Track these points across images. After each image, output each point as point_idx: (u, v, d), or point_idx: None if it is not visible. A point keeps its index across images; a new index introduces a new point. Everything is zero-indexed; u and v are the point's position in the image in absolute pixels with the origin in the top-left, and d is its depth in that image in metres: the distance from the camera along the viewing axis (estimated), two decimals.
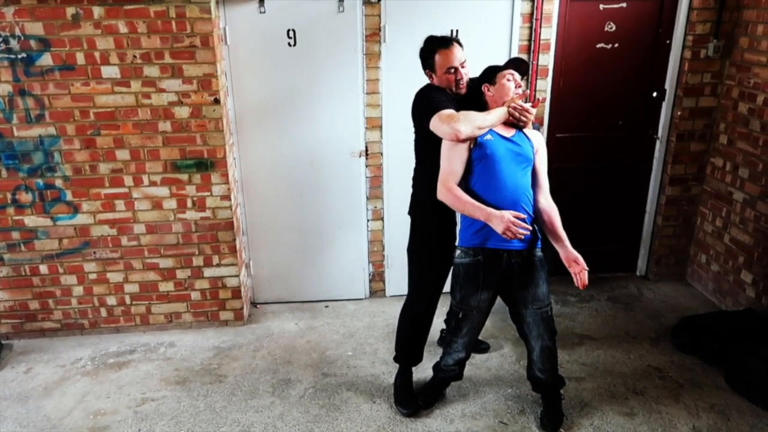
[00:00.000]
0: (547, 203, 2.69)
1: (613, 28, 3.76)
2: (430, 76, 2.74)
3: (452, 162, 2.55)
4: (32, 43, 3.14)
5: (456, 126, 2.45)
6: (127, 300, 3.69)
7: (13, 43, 3.13)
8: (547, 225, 2.69)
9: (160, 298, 3.71)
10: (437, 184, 2.58)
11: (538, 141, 2.68)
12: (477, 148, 2.54)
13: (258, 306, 4.06)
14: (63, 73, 3.20)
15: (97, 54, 3.19)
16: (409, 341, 3.03)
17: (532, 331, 2.72)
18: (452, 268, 2.76)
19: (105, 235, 3.53)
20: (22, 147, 3.31)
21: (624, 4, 3.71)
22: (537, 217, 2.67)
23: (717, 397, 3.06)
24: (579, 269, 2.62)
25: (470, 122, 2.47)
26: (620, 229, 4.29)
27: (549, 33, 3.64)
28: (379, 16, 3.49)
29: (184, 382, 3.25)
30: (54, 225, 3.48)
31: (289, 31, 3.47)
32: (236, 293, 3.75)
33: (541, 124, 3.83)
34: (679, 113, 3.91)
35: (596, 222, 4.21)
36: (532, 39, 3.61)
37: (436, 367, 3.02)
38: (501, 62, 3.65)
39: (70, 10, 3.10)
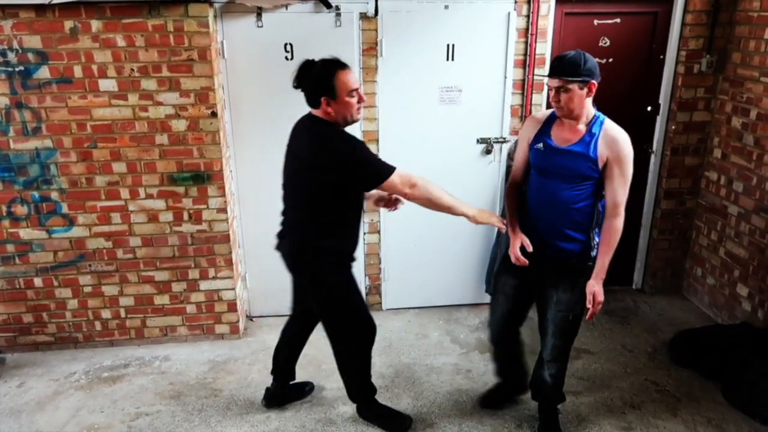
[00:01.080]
0: (607, 225, 2.48)
1: (608, 43, 3.80)
2: (326, 104, 2.41)
3: (516, 161, 2.67)
4: (30, 56, 3.15)
5: (411, 190, 2.47)
6: (122, 313, 3.67)
7: (11, 56, 3.14)
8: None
9: (155, 311, 3.69)
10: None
11: (610, 151, 2.39)
12: (531, 152, 2.57)
13: (254, 319, 4.04)
14: (60, 86, 3.21)
15: (94, 67, 3.20)
16: (365, 376, 2.91)
17: (548, 328, 2.69)
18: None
19: (100, 248, 3.52)
20: (18, 159, 3.31)
21: (618, 20, 3.75)
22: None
23: (714, 411, 3.06)
24: (593, 304, 2.53)
25: (425, 189, 2.49)
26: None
27: (544, 48, 3.67)
28: (376, 30, 3.52)
29: (178, 396, 3.23)
30: (49, 238, 3.46)
31: (286, 45, 3.49)
32: (232, 306, 3.74)
33: None
34: (673, 127, 3.94)
35: None
36: (528, 53, 3.64)
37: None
38: (497, 77, 3.70)
39: (68, 24, 3.11)
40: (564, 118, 2.46)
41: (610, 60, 3.83)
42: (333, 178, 2.43)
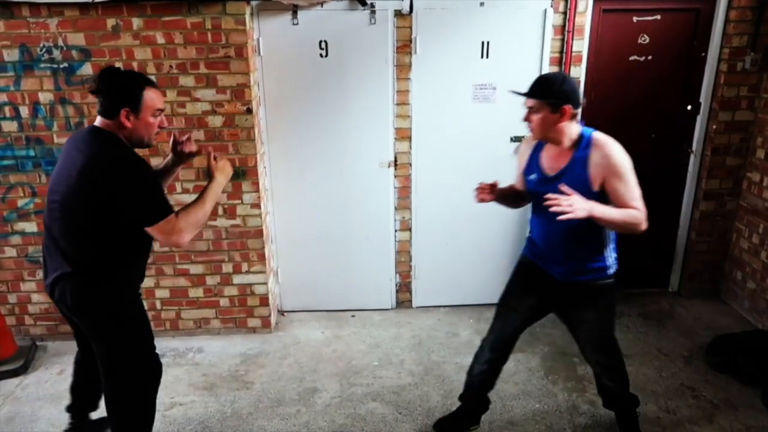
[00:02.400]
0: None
1: (647, 41, 3.72)
2: (125, 116, 2.14)
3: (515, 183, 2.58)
4: (74, 53, 3.24)
5: (177, 240, 2.17)
6: (158, 305, 3.75)
7: (56, 53, 3.23)
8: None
9: (189, 304, 3.76)
10: None
11: (604, 168, 2.22)
12: (526, 181, 2.47)
13: (285, 314, 4.09)
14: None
15: (135, 64, 3.27)
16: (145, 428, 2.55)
17: (584, 347, 2.65)
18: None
19: None
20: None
21: (658, 17, 3.67)
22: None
23: (754, 418, 2.97)
24: (564, 199, 2.13)
25: (191, 226, 2.21)
26: (652, 244, 4.20)
27: (581, 45, 3.62)
28: (411, 27, 3.51)
29: (211, 388, 3.28)
30: None
31: (321, 42, 3.52)
32: (264, 301, 3.79)
33: None
34: (714, 127, 3.84)
35: (627, 236, 4.12)
36: (564, 51, 3.59)
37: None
38: (533, 75, 3.66)
39: (110, 22, 3.19)
40: (539, 140, 2.38)
41: (649, 58, 3.75)
42: (102, 202, 2.10)
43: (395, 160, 3.78)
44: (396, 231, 3.95)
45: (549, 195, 2.12)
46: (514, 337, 2.71)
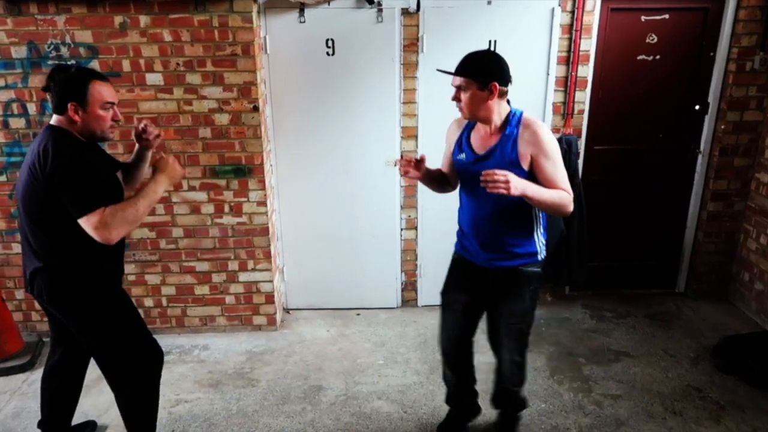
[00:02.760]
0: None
1: (655, 40, 3.70)
2: (74, 110, 2.15)
3: (442, 164, 2.56)
4: (81, 50, 3.25)
5: (104, 235, 2.09)
6: (164, 302, 3.76)
7: (64, 51, 3.24)
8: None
9: (195, 301, 3.77)
10: None
11: (533, 147, 2.20)
12: (455, 162, 2.43)
13: (290, 312, 4.09)
14: (109, 80, 3.29)
15: (142, 61, 3.28)
16: (153, 416, 2.59)
17: (500, 341, 2.56)
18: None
19: (144, 238, 3.61)
20: None
21: (666, 16, 3.65)
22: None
23: (760, 420, 2.95)
24: (498, 176, 2.06)
25: (120, 222, 2.11)
26: (659, 245, 4.20)
27: (588, 44, 3.60)
28: (417, 26, 3.51)
29: (217, 385, 3.29)
30: None
31: (327, 40, 3.51)
32: (270, 298, 3.79)
33: (579, 135, 3.78)
34: (722, 127, 3.81)
35: (634, 237, 4.14)
36: (572, 50, 3.58)
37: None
38: (540, 74, 3.64)
39: (118, 19, 3.20)
40: (469, 120, 2.35)
41: (657, 57, 3.73)
42: (47, 195, 2.13)
43: (402, 159, 3.76)
44: (402, 230, 3.95)
45: (486, 171, 2.07)
46: (462, 339, 2.66)
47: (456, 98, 2.26)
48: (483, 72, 2.21)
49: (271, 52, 3.52)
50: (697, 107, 3.87)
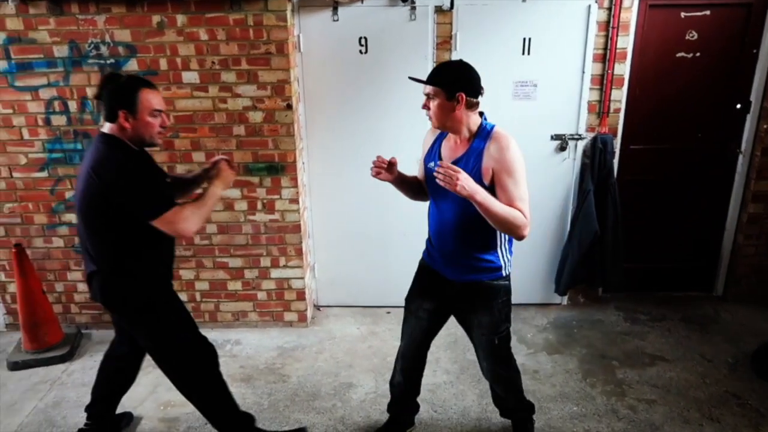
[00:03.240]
0: None
1: (695, 37, 3.61)
2: (124, 118, 2.22)
3: (418, 172, 2.52)
4: (120, 49, 3.32)
5: (183, 228, 2.25)
6: (198, 297, 3.82)
7: (103, 50, 3.31)
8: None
9: (228, 297, 3.83)
10: None
11: (495, 162, 2.17)
12: (425, 169, 2.40)
13: (321, 309, 4.12)
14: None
15: (178, 60, 3.33)
16: (230, 406, 2.68)
17: (479, 353, 2.57)
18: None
19: None
20: None
21: (707, 12, 3.56)
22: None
23: None
24: (451, 170, 2.07)
25: (196, 217, 2.28)
26: (697, 247, 4.09)
27: (626, 41, 3.53)
28: (451, 24, 3.49)
29: (248, 380, 3.33)
30: None
31: (360, 38, 3.52)
32: (301, 295, 3.82)
33: (615, 135, 3.71)
34: (765, 126, 3.70)
35: (671, 238, 4.05)
36: (608, 48, 3.51)
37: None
38: (575, 72, 3.59)
39: (155, 18, 3.25)
40: (438, 129, 2.34)
41: (697, 54, 3.64)
42: (103, 202, 2.22)
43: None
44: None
45: (441, 163, 2.08)
46: (423, 344, 2.64)
47: (425, 106, 2.27)
48: (451, 81, 2.20)
49: (305, 50, 3.55)
50: (738, 106, 3.76)
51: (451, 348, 3.59)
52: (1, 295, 3.82)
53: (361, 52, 3.55)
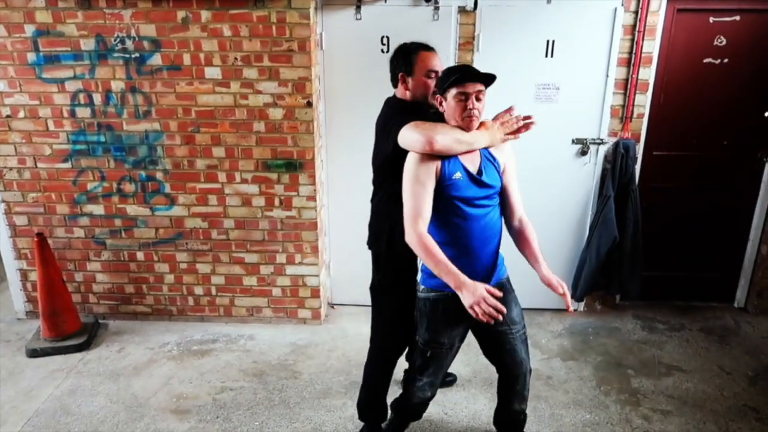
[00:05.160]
0: (521, 223, 2.39)
1: (723, 42, 3.54)
2: (403, 80, 2.38)
3: (420, 199, 2.14)
4: (145, 43, 3.35)
5: (431, 134, 2.08)
6: (213, 291, 3.85)
7: (129, 44, 3.35)
8: (522, 246, 2.41)
9: (243, 292, 3.85)
10: (405, 225, 2.18)
11: (505, 155, 2.31)
12: (445, 185, 2.16)
13: (335, 307, 4.12)
14: (170, 73, 3.40)
15: (201, 55, 3.36)
16: (379, 394, 2.76)
17: (515, 357, 2.42)
18: (417, 302, 2.40)
19: (197, 228, 3.71)
20: (130, 140, 3.54)
21: (737, 17, 3.48)
22: (512, 239, 2.44)
23: None
24: (561, 293, 2.31)
25: (448, 134, 2.11)
26: (718, 256, 4.01)
27: (652, 46, 3.47)
28: (474, 24, 3.47)
29: (261, 375, 3.35)
30: (152, 215, 3.69)
31: (383, 38, 3.51)
32: (315, 293, 3.83)
33: (637, 140, 3.66)
34: None
35: (692, 247, 3.97)
36: (633, 52, 3.46)
37: (396, 407, 2.74)
38: (599, 76, 3.54)
39: (180, 14, 3.28)
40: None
41: (725, 60, 3.57)
42: (382, 136, 2.41)
43: None
44: None
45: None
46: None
47: (472, 107, 2.14)
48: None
49: (327, 48, 3.55)
50: (766, 114, 3.68)
51: (464, 351, 3.54)
52: (23, 283, 3.89)
53: (383, 51, 3.54)
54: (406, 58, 2.35)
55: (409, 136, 2.14)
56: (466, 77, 2.12)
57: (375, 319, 2.72)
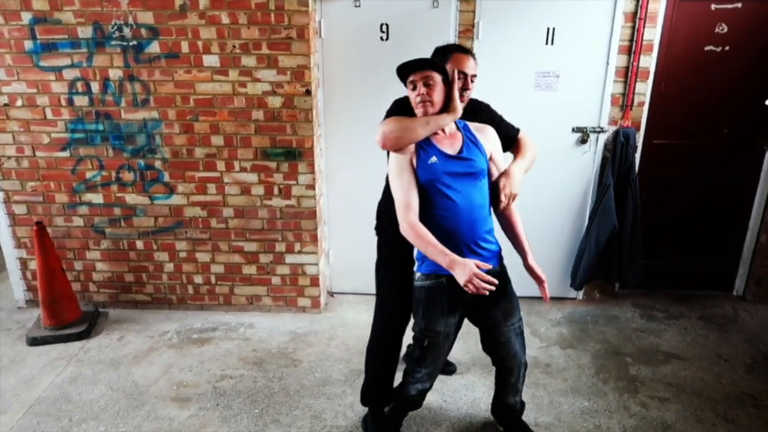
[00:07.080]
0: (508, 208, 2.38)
1: (725, 30, 3.52)
2: None
3: (405, 190, 2.22)
4: (143, 31, 3.33)
5: (381, 129, 2.28)
6: (213, 279, 3.86)
7: (126, 31, 3.33)
8: (506, 228, 2.46)
9: (242, 280, 3.85)
10: (398, 218, 2.23)
11: (490, 141, 2.37)
12: (422, 172, 2.23)
13: (334, 295, 4.13)
14: (168, 61, 3.38)
15: (200, 43, 3.34)
16: (376, 377, 2.79)
17: (509, 350, 2.45)
18: (413, 291, 2.41)
19: (196, 216, 3.70)
20: (128, 129, 3.53)
21: (739, 5, 3.46)
22: (498, 222, 2.45)
23: None
24: (540, 283, 2.39)
25: (395, 124, 2.27)
26: (718, 245, 4.02)
27: (653, 33, 3.45)
28: (474, 12, 3.44)
29: (260, 363, 3.36)
30: (151, 204, 3.69)
31: (382, 25, 3.49)
32: (315, 281, 3.84)
33: (638, 129, 3.64)
34: None
35: (692, 235, 3.98)
36: (634, 39, 3.44)
37: (395, 397, 2.73)
38: (599, 63, 3.52)
39: (178, 1, 3.26)
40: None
41: (726, 48, 3.55)
42: None
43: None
44: None
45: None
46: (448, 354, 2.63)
47: (424, 89, 2.27)
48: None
49: (326, 36, 3.53)
50: (767, 102, 3.67)
51: (463, 338, 3.56)
52: (22, 272, 3.89)
53: (382, 38, 3.52)
54: (442, 57, 2.42)
55: (375, 136, 2.32)
56: (407, 68, 2.26)
57: (378, 298, 2.76)
